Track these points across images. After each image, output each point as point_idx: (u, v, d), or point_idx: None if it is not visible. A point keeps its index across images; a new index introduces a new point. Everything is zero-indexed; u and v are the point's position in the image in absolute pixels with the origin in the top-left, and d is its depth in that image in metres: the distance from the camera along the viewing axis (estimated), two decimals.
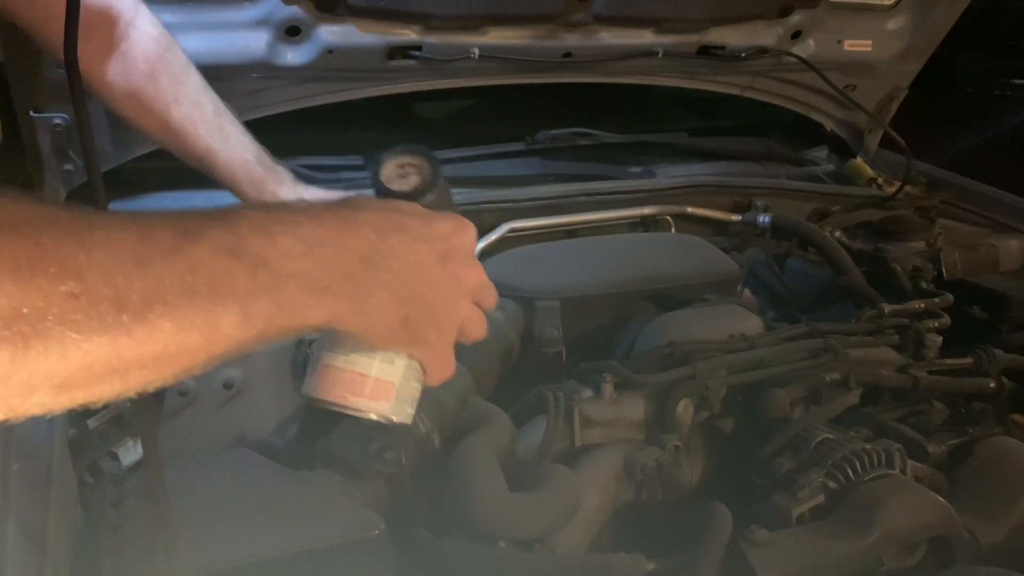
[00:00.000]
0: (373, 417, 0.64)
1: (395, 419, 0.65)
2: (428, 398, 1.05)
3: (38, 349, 0.40)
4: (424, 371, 0.65)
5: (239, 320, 0.48)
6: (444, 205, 0.69)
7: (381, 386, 0.63)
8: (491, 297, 0.67)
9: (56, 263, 0.40)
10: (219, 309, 0.47)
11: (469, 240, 0.64)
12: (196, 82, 1.14)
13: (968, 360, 1.31)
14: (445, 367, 0.65)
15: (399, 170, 0.70)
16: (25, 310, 0.39)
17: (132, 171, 1.48)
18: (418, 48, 1.55)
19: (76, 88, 0.65)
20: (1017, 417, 1.26)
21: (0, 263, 0.39)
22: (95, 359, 0.43)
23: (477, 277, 0.64)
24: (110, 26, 1.03)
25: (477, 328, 0.65)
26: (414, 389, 0.66)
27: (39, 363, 0.40)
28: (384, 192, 0.68)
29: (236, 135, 1.14)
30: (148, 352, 0.45)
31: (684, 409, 1.11)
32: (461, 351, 1.17)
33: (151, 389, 0.47)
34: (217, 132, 1.12)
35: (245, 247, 0.49)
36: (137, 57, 1.07)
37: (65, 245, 0.41)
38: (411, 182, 0.69)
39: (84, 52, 0.96)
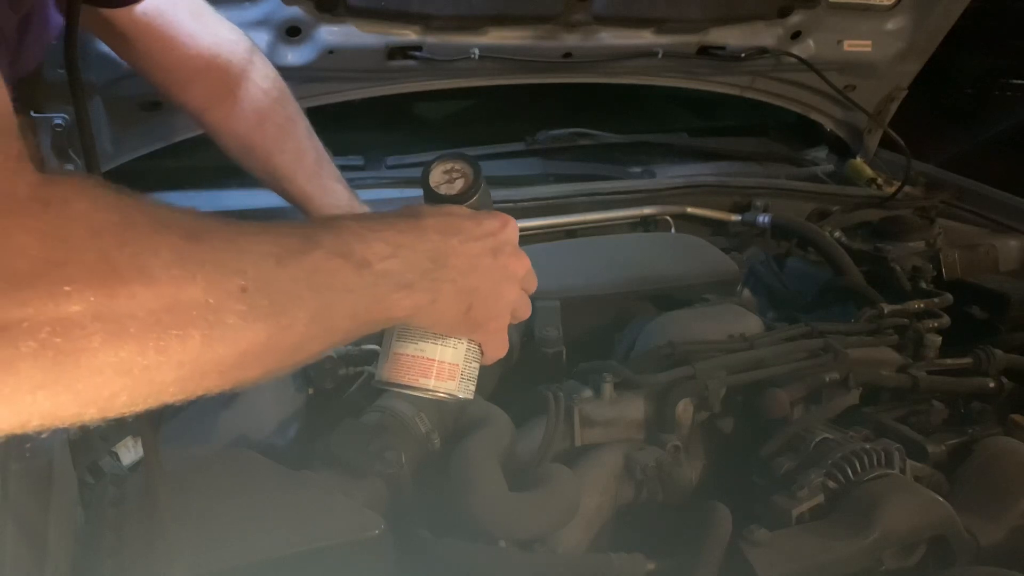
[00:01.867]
0: (442, 395, 0.72)
1: (460, 396, 0.73)
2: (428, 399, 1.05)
3: (217, 335, 0.46)
4: (482, 352, 0.73)
5: (350, 311, 0.57)
6: (485, 205, 0.78)
7: (447, 369, 0.71)
8: (535, 282, 0.76)
9: (230, 264, 0.48)
10: (337, 303, 0.55)
11: (513, 234, 0.73)
12: (301, 132, 1.21)
13: (967, 360, 1.31)
14: (501, 347, 0.73)
15: (446, 175, 0.77)
16: (211, 300, 0.46)
17: (132, 171, 1.48)
18: (418, 48, 1.55)
19: (76, 88, 0.65)
20: (1017, 417, 1.25)
21: (189, 264, 0.45)
22: (251, 346, 0.49)
23: (524, 266, 0.73)
24: (220, 73, 1.10)
25: (525, 310, 0.75)
26: (474, 369, 0.74)
27: (215, 348, 0.47)
28: (433, 196, 0.75)
29: (332, 183, 1.23)
30: (287, 340, 0.52)
31: (684, 409, 1.11)
32: None
33: (276, 375, 0.54)
34: (316, 180, 1.21)
35: (352, 251, 0.57)
36: (246, 106, 1.13)
37: (229, 250, 0.49)
38: (457, 186, 0.76)
39: (193, 94, 1.09)
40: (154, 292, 0.43)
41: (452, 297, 0.65)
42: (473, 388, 0.74)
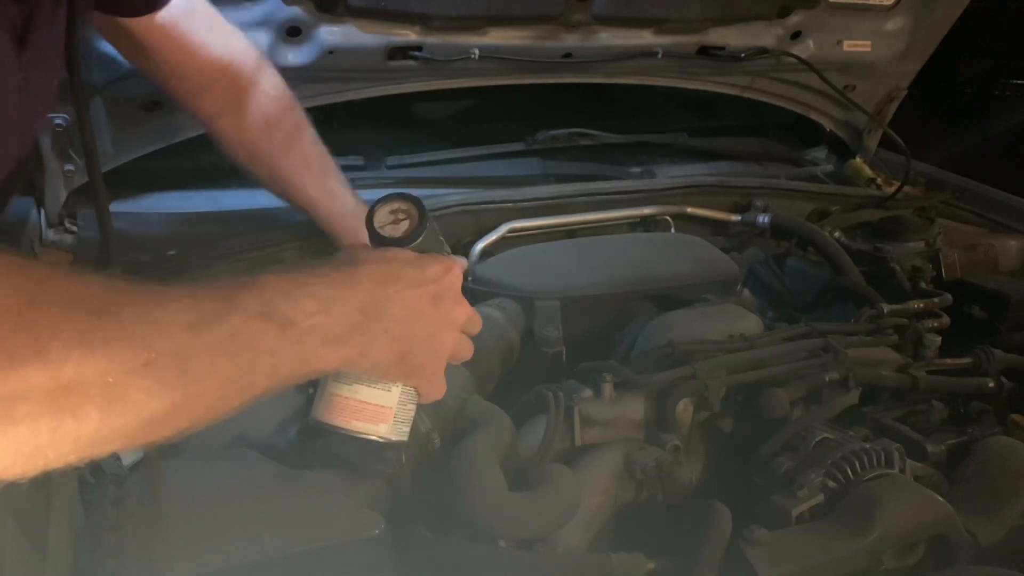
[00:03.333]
0: (372, 438, 0.75)
1: (392, 439, 0.75)
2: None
3: (118, 410, 0.47)
4: (418, 394, 0.75)
5: (270, 371, 0.57)
6: (432, 247, 0.76)
7: (380, 412, 0.73)
8: (477, 325, 0.77)
9: (137, 338, 0.49)
10: (255, 365, 0.56)
11: (457, 279, 0.73)
12: (308, 139, 1.22)
13: (967, 360, 1.31)
14: (437, 390, 0.75)
15: (391, 216, 0.76)
16: (110, 379, 0.47)
17: (132, 171, 1.48)
18: (418, 48, 1.55)
19: (77, 88, 0.65)
20: (1016, 417, 1.26)
21: (92, 341, 0.46)
22: (156, 414, 0.50)
23: (465, 312, 0.73)
24: (230, 81, 1.12)
25: (465, 352, 0.76)
26: (409, 411, 0.76)
27: (115, 421, 0.48)
28: (376, 238, 0.74)
29: (338, 188, 1.23)
30: (199, 404, 0.53)
31: (684, 409, 1.11)
32: None
33: (194, 431, 0.55)
34: (322, 187, 1.22)
35: (274, 310, 0.57)
36: (255, 113, 1.15)
37: (140, 323, 0.49)
38: (402, 228, 0.75)
39: (204, 101, 1.11)
40: (49, 374, 0.44)
41: (385, 347, 0.66)
42: (407, 429, 0.76)
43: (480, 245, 1.51)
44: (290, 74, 1.51)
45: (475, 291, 1.43)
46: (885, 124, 2.01)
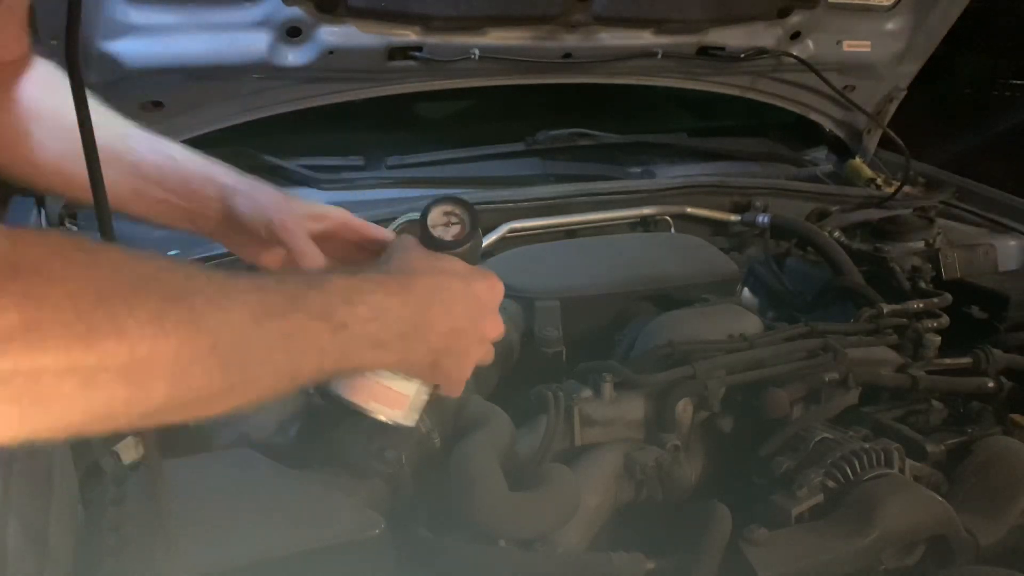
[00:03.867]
0: (384, 420, 0.77)
1: (404, 423, 0.78)
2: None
3: (183, 388, 0.51)
4: (438, 387, 0.78)
5: (316, 366, 0.61)
6: (476, 254, 0.81)
7: (398, 398, 0.76)
8: (501, 331, 0.78)
9: (206, 323, 0.52)
10: (305, 360, 0.60)
11: (499, 298, 0.76)
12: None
13: (967, 360, 1.31)
14: (458, 389, 0.76)
15: (444, 217, 0.79)
16: (179, 360, 0.50)
17: None
18: (418, 49, 1.55)
19: (77, 88, 0.65)
20: (1016, 417, 1.26)
21: (165, 323, 0.49)
22: (214, 394, 0.54)
23: (499, 329, 0.76)
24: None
25: (488, 357, 0.77)
26: (423, 400, 0.79)
27: (180, 397, 0.52)
28: (428, 238, 0.77)
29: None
30: (249, 390, 0.57)
31: (684, 409, 1.11)
32: None
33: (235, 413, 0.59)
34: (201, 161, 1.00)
35: (334, 314, 0.61)
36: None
37: (209, 311, 0.53)
38: (452, 231, 0.78)
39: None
40: (127, 350, 0.47)
41: (423, 356, 0.70)
42: (417, 416, 0.79)
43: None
44: (291, 74, 1.52)
45: None
46: (885, 124, 2.01)
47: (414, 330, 0.67)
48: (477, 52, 1.58)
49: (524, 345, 1.32)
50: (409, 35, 1.53)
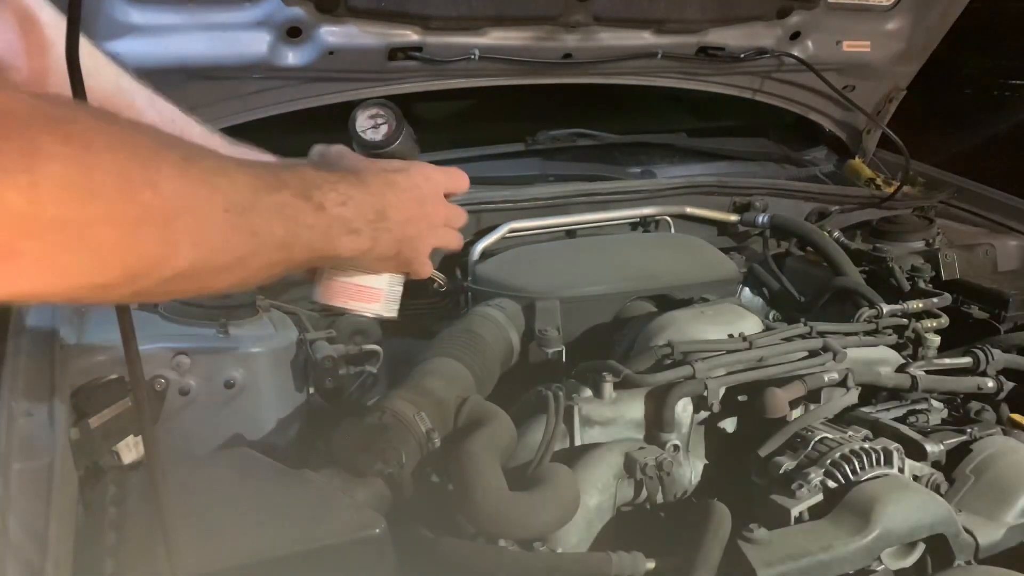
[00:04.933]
0: (367, 315, 0.84)
1: (384, 315, 0.85)
2: (428, 398, 1.06)
3: (203, 243, 0.55)
4: (407, 275, 0.85)
5: (307, 244, 0.66)
6: (409, 149, 0.88)
7: (373, 293, 0.83)
8: (461, 218, 0.87)
9: (217, 188, 0.56)
10: (300, 235, 0.65)
11: (436, 184, 0.83)
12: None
13: (966, 360, 1.31)
14: (424, 271, 0.83)
15: (370, 120, 0.86)
16: (201, 213, 0.55)
17: None
18: (419, 49, 1.55)
19: (77, 88, 0.65)
20: (1016, 416, 1.26)
21: (187, 180, 0.53)
22: (229, 261, 0.58)
23: (445, 212, 0.84)
24: None
25: (453, 241, 0.85)
26: (397, 291, 0.85)
27: (199, 253, 0.55)
28: (360, 141, 0.85)
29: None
30: (259, 259, 0.61)
31: (684, 409, 1.11)
32: (463, 351, 1.16)
33: (240, 289, 0.65)
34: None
35: (311, 195, 0.67)
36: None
37: (219, 176, 0.57)
38: (381, 132, 0.86)
39: None
40: (160, 201, 0.51)
41: (387, 244, 0.76)
42: (396, 307, 0.86)
43: (480, 245, 1.51)
44: (291, 75, 1.53)
45: (475, 291, 1.43)
46: (884, 124, 2.02)
47: (379, 217, 0.74)
48: (477, 52, 1.58)
49: (524, 345, 1.32)
50: (409, 35, 1.53)
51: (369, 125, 0.86)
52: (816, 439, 1.04)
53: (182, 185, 0.53)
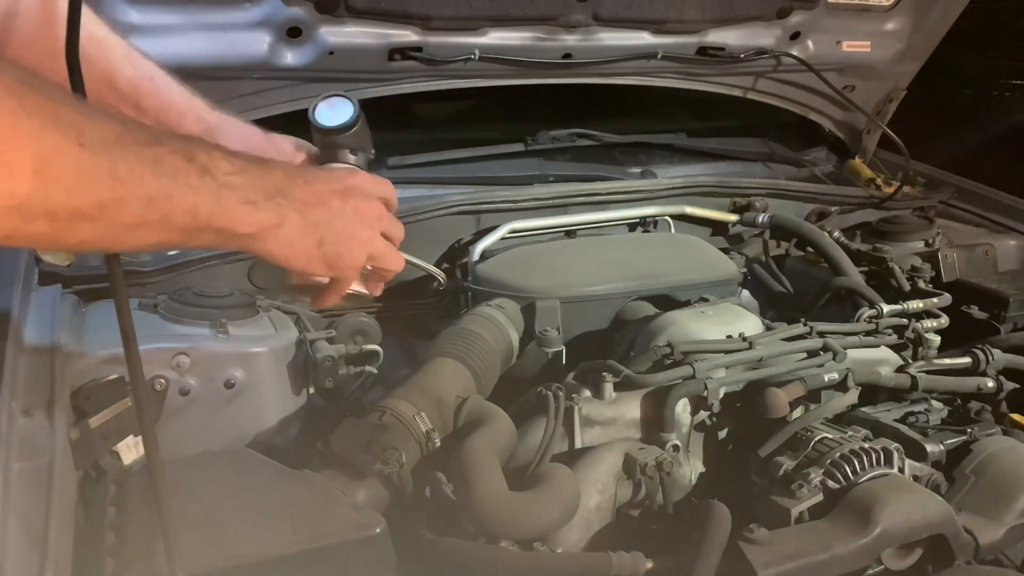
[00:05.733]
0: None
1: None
2: (428, 398, 1.06)
3: (51, 182, 0.51)
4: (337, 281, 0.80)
5: (190, 207, 0.60)
6: (363, 141, 0.89)
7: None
8: (398, 231, 0.80)
9: (70, 121, 0.52)
10: (177, 193, 0.59)
11: (363, 180, 0.78)
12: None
13: (966, 360, 1.31)
14: (352, 274, 0.77)
15: (330, 108, 0.87)
16: (45, 147, 0.50)
17: None
18: (419, 49, 1.55)
19: (77, 88, 0.65)
20: (1016, 416, 1.26)
21: (25, 103, 0.49)
22: (84, 205, 0.53)
23: (377, 210, 0.77)
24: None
25: (391, 260, 0.79)
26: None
27: (49, 194, 0.51)
28: (316, 127, 0.86)
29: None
30: (124, 213, 0.56)
31: (684, 409, 1.11)
32: (463, 351, 1.16)
33: (111, 250, 0.62)
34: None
35: (196, 157, 0.61)
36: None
37: (75, 111, 0.53)
38: (340, 118, 0.87)
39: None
40: None
41: (300, 229, 0.70)
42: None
43: (480, 245, 1.51)
44: (291, 75, 1.53)
45: (475, 291, 1.43)
46: (884, 124, 2.02)
47: (280, 195, 0.68)
48: (477, 52, 1.58)
49: (524, 345, 1.32)
50: (409, 35, 1.53)
51: (328, 111, 0.88)
52: (816, 439, 1.04)
53: (14, 105, 0.48)
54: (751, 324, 1.27)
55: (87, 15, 0.80)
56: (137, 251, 0.60)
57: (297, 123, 1.63)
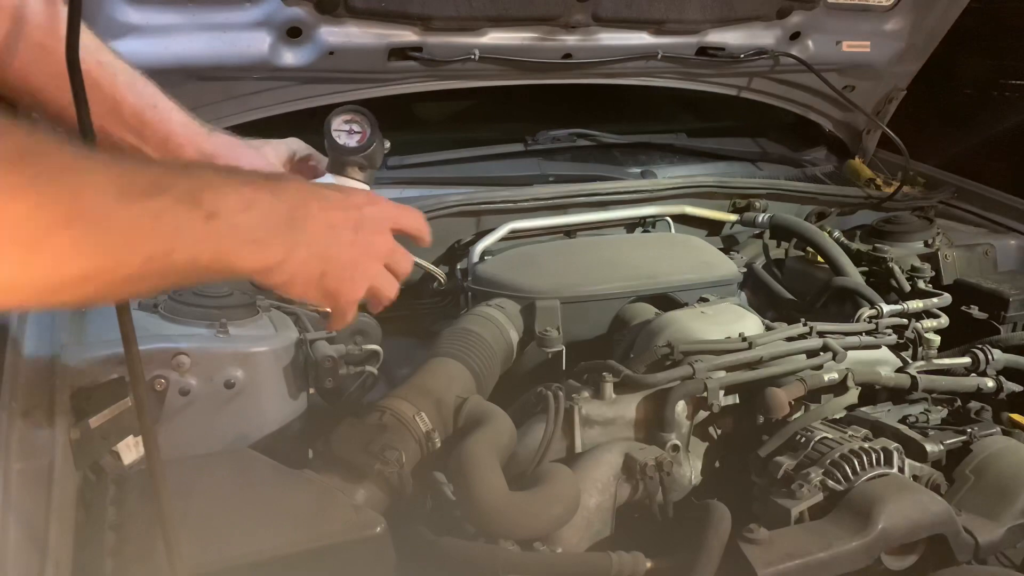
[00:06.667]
0: None
1: None
2: (428, 398, 1.06)
3: (39, 258, 0.48)
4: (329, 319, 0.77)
5: (189, 257, 0.58)
6: (375, 158, 0.89)
7: None
8: (405, 263, 0.77)
9: (63, 191, 0.49)
10: (177, 249, 0.57)
11: (381, 211, 0.74)
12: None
13: (966, 360, 1.31)
14: (349, 313, 0.74)
15: (345, 125, 0.87)
16: (34, 225, 0.47)
17: None
18: (418, 49, 1.56)
19: (77, 88, 0.65)
20: (1016, 416, 1.26)
21: (15, 187, 0.46)
22: (76, 274, 0.51)
23: (387, 245, 0.74)
24: None
25: (389, 290, 0.76)
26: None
27: (37, 270, 0.49)
28: (331, 144, 0.86)
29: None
30: (118, 274, 0.54)
31: (683, 409, 1.11)
32: (463, 351, 1.16)
33: (105, 303, 0.59)
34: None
35: (202, 200, 0.58)
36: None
37: (68, 176, 0.49)
38: (355, 138, 0.87)
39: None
40: None
41: (305, 262, 0.66)
42: None
43: (480, 245, 1.51)
44: (291, 75, 1.53)
45: (475, 291, 1.43)
46: (884, 124, 2.02)
47: (289, 228, 0.64)
48: (477, 52, 1.58)
49: (524, 345, 1.32)
50: (409, 35, 1.53)
51: (344, 129, 0.87)
52: (816, 439, 1.04)
53: (15, 183, 0.46)
54: (751, 324, 1.27)
55: (95, 41, 0.84)
56: (133, 299, 0.57)
57: (297, 123, 1.64)
